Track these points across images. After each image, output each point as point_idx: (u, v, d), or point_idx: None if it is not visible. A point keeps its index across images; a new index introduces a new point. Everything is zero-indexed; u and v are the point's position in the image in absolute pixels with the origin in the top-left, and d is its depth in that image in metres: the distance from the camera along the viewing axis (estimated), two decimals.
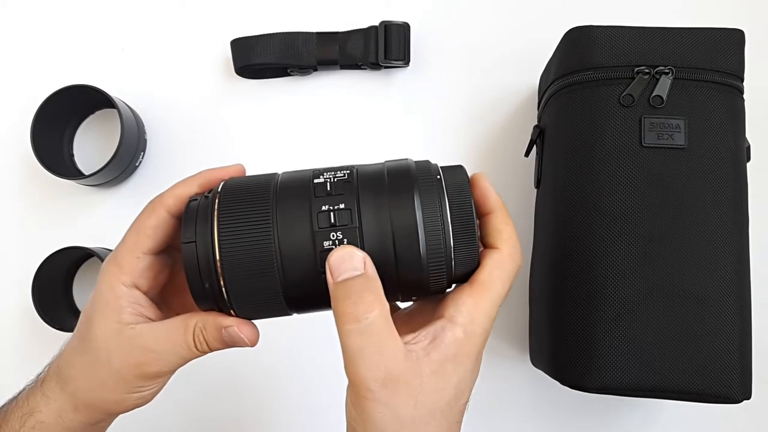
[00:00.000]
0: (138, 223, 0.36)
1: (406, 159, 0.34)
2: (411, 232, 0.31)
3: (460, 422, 0.34)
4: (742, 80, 0.49)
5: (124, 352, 0.34)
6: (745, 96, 0.50)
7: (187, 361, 0.35)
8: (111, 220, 0.65)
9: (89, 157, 0.66)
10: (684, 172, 0.47)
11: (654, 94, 0.47)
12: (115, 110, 0.61)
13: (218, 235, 0.31)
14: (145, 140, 0.65)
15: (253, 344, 0.34)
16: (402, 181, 0.32)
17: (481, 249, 0.35)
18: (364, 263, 0.31)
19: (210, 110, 0.66)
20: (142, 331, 0.35)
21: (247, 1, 0.67)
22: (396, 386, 0.30)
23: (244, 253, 0.31)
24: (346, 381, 0.32)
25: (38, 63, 0.68)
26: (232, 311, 0.33)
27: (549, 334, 0.50)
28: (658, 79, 0.48)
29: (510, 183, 0.62)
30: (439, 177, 0.33)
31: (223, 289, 0.32)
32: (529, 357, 0.57)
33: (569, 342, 0.48)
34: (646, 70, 0.48)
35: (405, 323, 0.35)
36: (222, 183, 0.34)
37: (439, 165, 0.35)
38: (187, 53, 0.67)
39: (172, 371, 0.36)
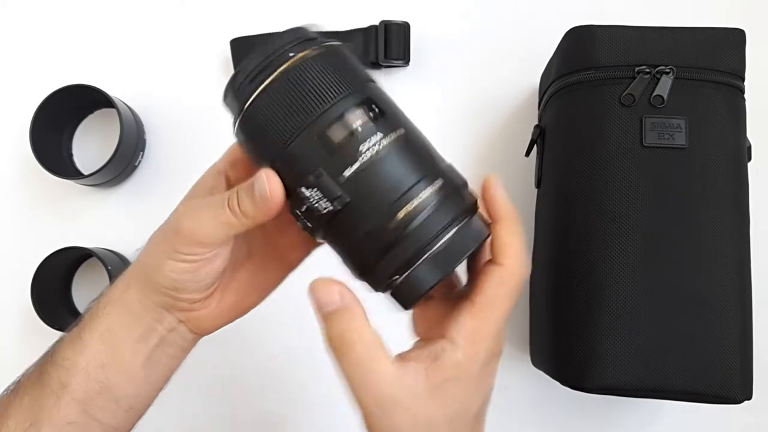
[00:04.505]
0: None
1: (465, 180, 0.34)
2: (395, 231, 0.31)
3: (477, 428, 0.35)
4: (743, 80, 0.49)
5: (178, 214, 0.36)
6: (745, 96, 0.50)
7: (222, 228, 0.34)
8: (110, 220, 0.65)
9: (88, 157, 0.66)
10: (685, 172, 0.47)
11: (655, 93, 0.47)
12: (114, 110, 0.60)
13: (275, 77, 0.32)
14: (145, 140, 0.65)
15: (274, 200, 0.32)
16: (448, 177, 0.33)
17: (486, 260, 0.34)
18: (341, 295, 0.31)
19: (209, 110, 0.66)
20: (201, 199, 0.36)
21: (247, 1, 0.67)
22: (390, 406, 0.31)
23: (284, 107, 0.32)
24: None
25: (38, 63, 0.68)
26: (243, 112, 0.33)
27: (549, 335, 0.50)
28: (659, 79, 0.47)
29: (510, 183, 0.61)
30: (467, 212, 0.32)
31: (256, 92, 0.32)
32: (529, 357, 0.57)
33: (570, 342, 0.47)
34: (647, 70, 0.48)
35: (425, 322, 0.36)
36: (325, 47, 0.33)
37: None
38: (187, 53, 0.67)
39: (206, 238, 0.35)
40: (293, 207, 0.32)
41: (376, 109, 0.32)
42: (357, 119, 0.32)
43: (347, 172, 0.31)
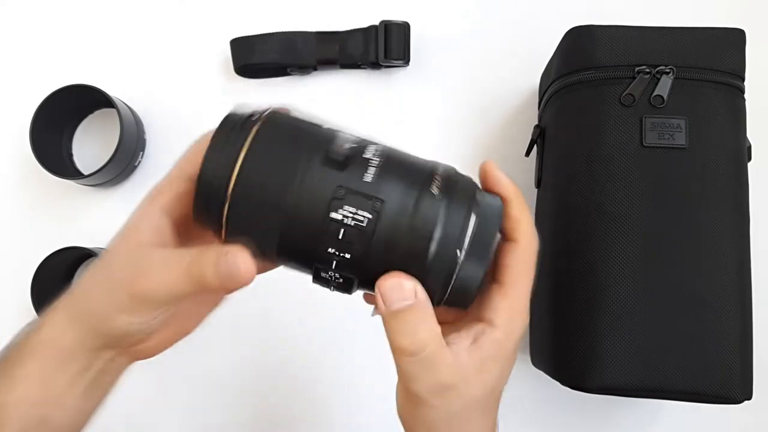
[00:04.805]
0: (192, 148, 0.36)
1: (452, 168, 0.34)
2: (425, 234, 0.30)
3: (497, 403, 0.36)
4: (743, 80, 0.49)
5: (125, 265, 0.34)
6: (745, 96, 0.50)
7: (179, 294, 0.34)
8: (110, 219, 0.64)
9: (88, 157, 0.66)
10: (685, 172, 0.47)
11: (655, 93, 0.47)
12: (114, 110, 0.60)
13: (244, 156, 0.31)
14: (145, 140, 0.65)
15: (246, 279, 0.32)
16: (438, 195, 0.32)
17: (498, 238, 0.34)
18: (416, 292, 0.31)
19: (209, 109, 0.65)
20: (149, 252, 0.34)
21: (247, 1, 0.67)
22: (447, 393, 0.32)
23: (257, 195, 0.31)
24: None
25: (38, 63, 0.67)
26: (222, 233, 0.32)
27: (550, 335, 0.50)
28: (659, 79, 0.47)
29: None
30: (475, 194, 0.32)
31: (226, 206, 0.31)
32: (529, 357, 0.57)
33: (570, 342, 0.47)
34: (647, 70, 0.48)
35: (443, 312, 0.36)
36: (271, 109, 0.33)
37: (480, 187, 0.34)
38: (186, 53, 0.67)
39: (162, 300, 0.34)
40: (327, 249, 0.31)
41: (353, 133, 0.33)
42: (346, 141, 0.32)
43: (367, 177, 0.31)
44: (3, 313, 0.64)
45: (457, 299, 0.32)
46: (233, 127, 0.32)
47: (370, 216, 0.30)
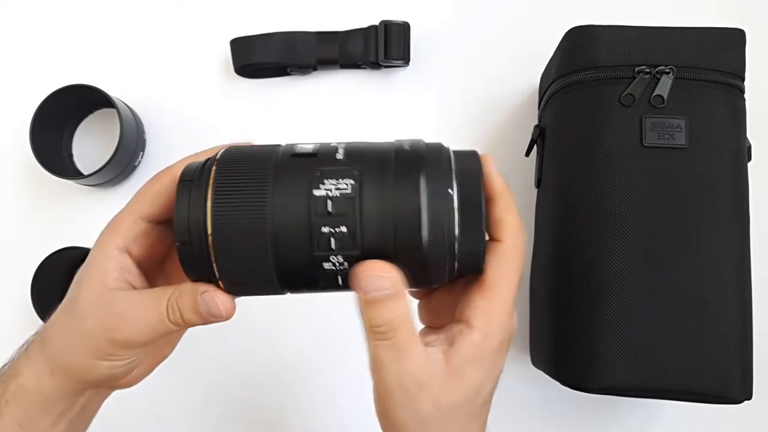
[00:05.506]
0: (142, 190, 0.37)
1: (418, 139, 0.33)
2: (413, 217, 0.30)
3: (483, 412, 0.35)
4: (743, 80, 0.49)
5: (98, 315, 0.34)
6: (745, 96, 0.50)
7: (160, 335, 0.34)
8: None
9: (88, 157, 0.66)
10: (685, 172, 0.47)
11: (655, 93, 0.47)
12: (114, 110, 0.60)
13: (212, 204, 0.31)
14: (144, 140, 0.65)
15: (228, 316, 0.33)
16: (409, 162, 0.31)
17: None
18: (393, 282, 0.31)
19: (209, 109, 0.66)
20: (120, 297, 0.34)
21: (247, 1, 0.67)
22: (416, 390, 0.31)
23: (236, 225, 0.30)
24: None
25: (38, 63, 0.67)
26: (220, 284, 0.32)
27: (550, 335, 0.50)
28: (659, 79, 0.47)
29: (510, 183, 0.61)
30: (449, 161, 0.32)
31: (213, 261, 0.31)
32: (529, 357, 0.57)
33: (570, 342, 0.47)
34: (647, 70, 0.48)
35: (430, 311, 0.36)
36: (222, 150, 0.33)
37: (452, 149, 0.33)
38: (186, 52, 0.67)
39: (143, 343, 0.35)
40: (321, 229, 0.31)
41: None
42: (307, 145, 0.33)
43: (339, 155, 0.32)
44: (3, 313, 0.64)
45: (468, 268, 0.32)
46: (192, 177, 0.32)
47: (353, 182, 0.30)
